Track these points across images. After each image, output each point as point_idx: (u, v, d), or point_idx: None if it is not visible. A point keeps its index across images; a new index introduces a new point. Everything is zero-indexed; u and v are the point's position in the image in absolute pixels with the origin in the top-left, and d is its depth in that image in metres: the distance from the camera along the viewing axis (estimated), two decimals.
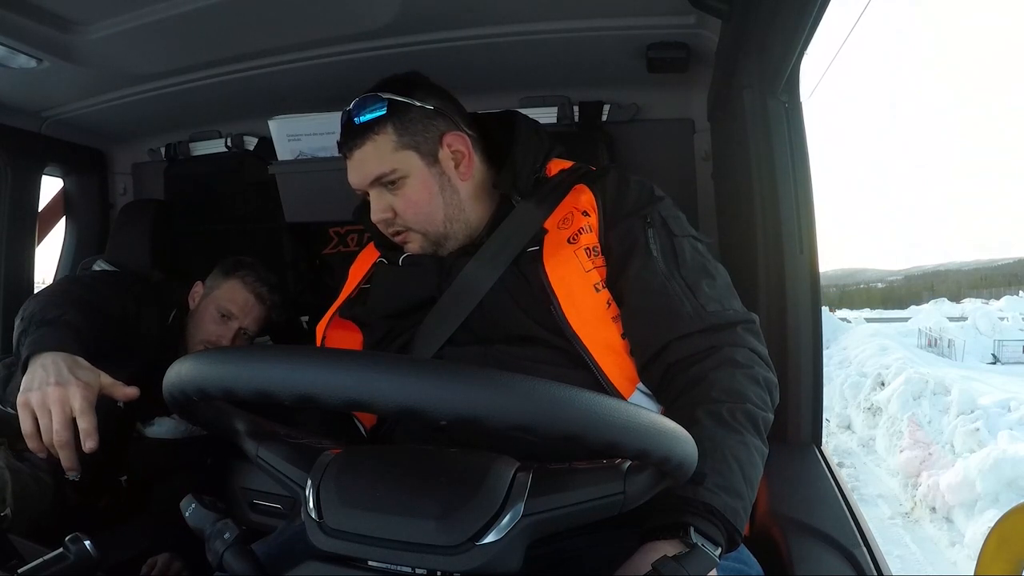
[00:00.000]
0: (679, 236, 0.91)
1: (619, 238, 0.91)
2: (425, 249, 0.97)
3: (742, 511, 0.69)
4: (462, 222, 0.97)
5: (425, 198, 0.94)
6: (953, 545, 5.48)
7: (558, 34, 1.27)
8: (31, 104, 1.60)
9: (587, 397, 0.47)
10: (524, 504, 0.53)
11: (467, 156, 0.97)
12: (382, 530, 0.52)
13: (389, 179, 0.93)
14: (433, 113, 0.94)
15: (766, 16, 0.94)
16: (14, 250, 1.72)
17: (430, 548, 0.51)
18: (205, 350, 0.52)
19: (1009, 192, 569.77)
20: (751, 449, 0.74)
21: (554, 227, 0.92)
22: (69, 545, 0.66)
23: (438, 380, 0.45)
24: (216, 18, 1.20)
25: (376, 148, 0.92)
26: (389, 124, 0.92)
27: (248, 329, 1.42)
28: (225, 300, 1.40)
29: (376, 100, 0.92)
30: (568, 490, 0.55)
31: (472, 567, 0.51)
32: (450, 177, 0.96)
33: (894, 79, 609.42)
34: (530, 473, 0.56)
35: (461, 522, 0.52)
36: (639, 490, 0.55)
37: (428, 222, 0.95)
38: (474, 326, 0.91)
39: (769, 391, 0.81)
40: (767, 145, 1.11)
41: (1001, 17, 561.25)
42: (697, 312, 0.84)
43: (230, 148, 1.76)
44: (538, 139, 1.01)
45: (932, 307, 26.44)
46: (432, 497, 0.53)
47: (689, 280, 0.86)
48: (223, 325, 1.39)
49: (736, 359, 0.80)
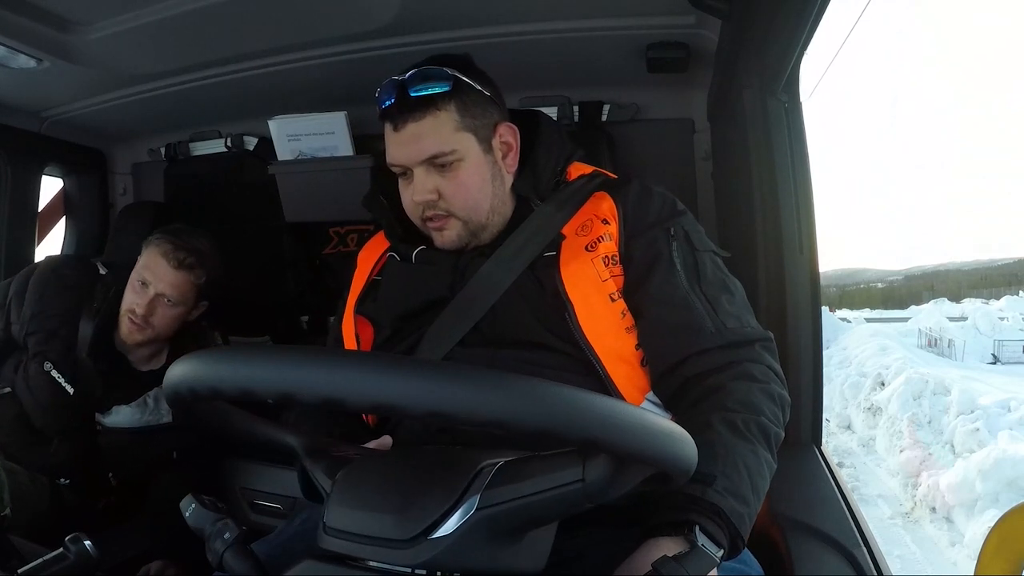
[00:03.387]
0: (701, 251, 0.89)
1: (641, 249, 0.89)
2: (461, 239, 0.93)
3: (747, 518, 0.69)
4: (501, 215, 0.94)
5: (477, 184, 0.91)
6: (953, 545, 5.48)
7: (558, 34, 1.27)
8: (31, 104, 1.61)
9: (565, 392, 0.46)
10: (480, 496, 0.52)
11: (514, 149, 0.95)
12: (355, 525, 0.53)
13: (445, 160, 0.88)
14: (489, 99, 0.92)
15: (766, 16, 0.94)
16: (14, 250, 1.72)
17: (385, 541, 0.52)
18: (197, 351, 0.52)
19: (1009, 192, 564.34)
20: (761, 461, 0.74)
21: (572, 233, 0.90)
22: (69, 545, 0.67)
23: (403, 375, 0.45)
24: (216, 18, 1.20)
25: (437, 125, 0.87)
26: (453, 102, 0.87)
27: (167, 295, 1.37)
28: (142, 268, 1.38)
29: (441, 74, 0.86)
30: (524, 479, 0.53)
31: (420, 560, 0.51)
32: (500, 167, 0.94)
33: (894, 79, 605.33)
34: (495, 466, 0.55)
35: (415, 516, 0.52)
36: (601, 477, 0.51)
37: (474, 210, 0.91)
38: (484, 329, 0.89)
39: (782, 408, 0.81)
40: (767, 145, 1.11)
41: (1001, 17, 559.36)
42: (718, 328, 0.83)
43: (230, 148, 1.76)
44: (560, 142, 0.99)
45: (932, 307, 26.45)
46: (398, 492, 0.54)
47: (709, 295, 0.86)
48: (141, 293, 1.37)
49: (753, 374, 0.80)
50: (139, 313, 1.36)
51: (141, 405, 1.41)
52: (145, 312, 1.36)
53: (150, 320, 1.37)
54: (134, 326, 1.37)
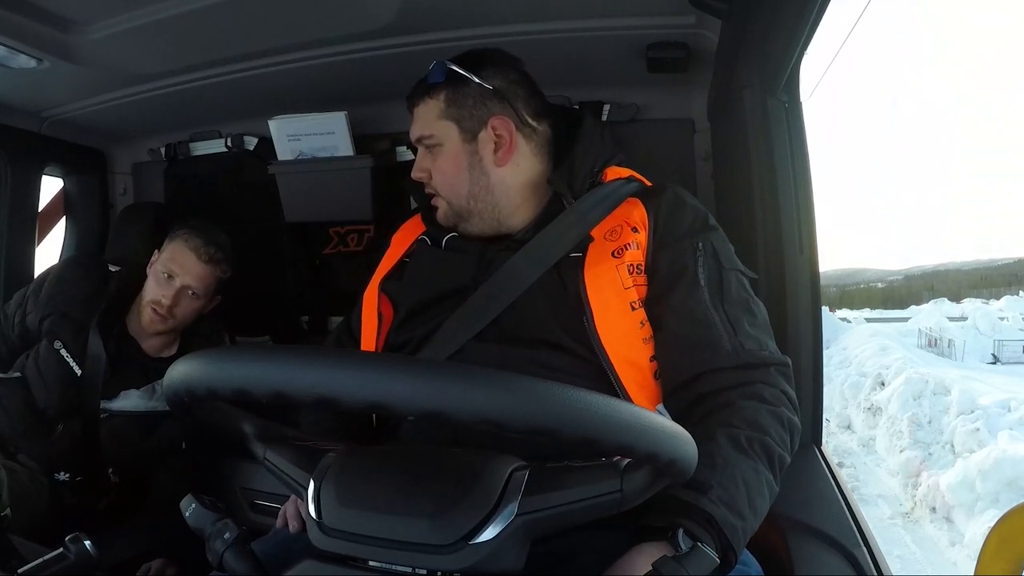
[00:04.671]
0: (728, 269, 0.89)
1: (668, 261, 0.89)
2: (448, 217, 0.98)
3: (741, 532, 0.68)
4: (488, 204, 0.96)
5: (451, 170, 0.96)
6: (953, 545, 5.48)
7: (558, 34, 1.27)
8: (31, 104, 1.60)
9: (562, 391, 0.46)
10: (519, 503, 0.53)
11: (509, 142, 0.95)
12: (378, 529, 0.52)
13: (428, 143, 0.97)
14: (491, 93, 0.95)
15: (766, 16, 0.94)
16: (14, 250, 1.72)
17: (423, 547, 0.51)
18: (195, 352, 0.52)
19: (1009, 192, 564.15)
20: (761, 479, 0.73)
21: (600, 237, 0.90)
22: (69, 545, 0.67)
23: (404, 375, 0.45)
24: (216, 18, 1.20)
25: (425, 110, 0.96)
26: (443, 92, 0.95)
27: (192, 287, 1.43)
28: (167, 260, 1.43)
29: (442, 67, 0.95)
30: (564, 488, 0.54)
31: (464, 566, 0.51)
32: (483, 158, 0.95)
33: (894, 79, 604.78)
34: (527, 472, 0.56)
35: (454, 521, 0.52)
36: (637, 488, 0.54)
37: (452, 193, 0.96)
38: (502, 324, 0.89)
39: (791, 433, 0.80)
40: (767, 145, 1.11)
41: (1001, 17, 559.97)
42: (735, 349, 0.83)
43: (230, 148, 1.76)
44: (601, 142, 0.99)
45: (932, 307, 26.44)
46: (427, 496, 0.53)
47: (731, 315, 0.85)
48: (167, 285, 1.42)
49: (764, 395, 0.80)
50: (165, 304, 1.41)
51: (149, 391, 1.45)
52: (171, 303, 1.41)
53: (174, 311, 1.42)
54: (158, 316, 1.42)
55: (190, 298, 1.44)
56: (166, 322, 1.43)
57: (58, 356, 1.38)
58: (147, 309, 1.42)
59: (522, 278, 0.89)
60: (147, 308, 1.42)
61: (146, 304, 1.43)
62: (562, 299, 0.87)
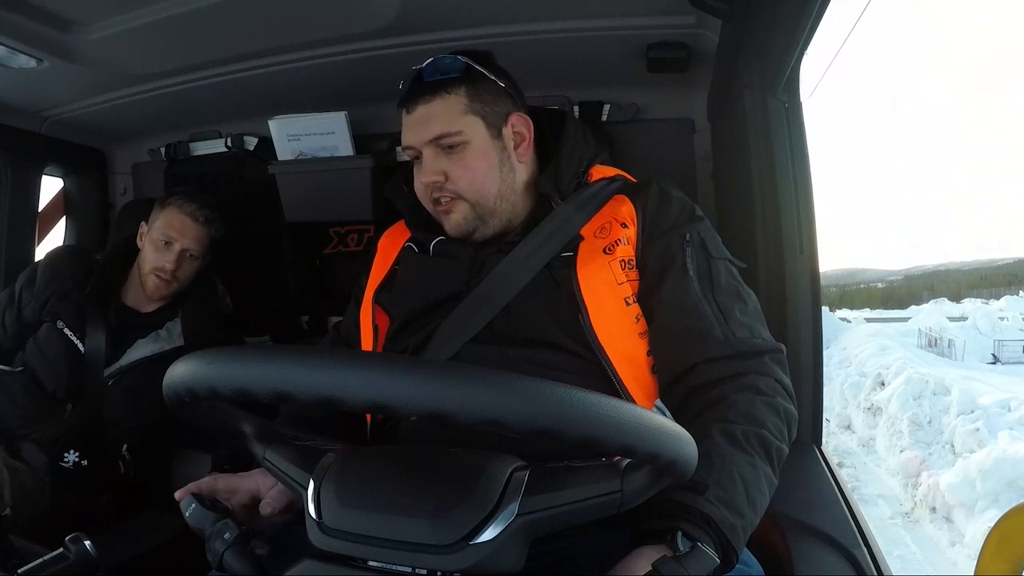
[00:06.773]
0: (716, 258, 0.89)
1: (656, 254, 0.89)
2: (468, 222, 0.93)
3: (741, 530, 0.68)
4: (510, 204, 0.95)
5: (483, 168, 0.92)
6: (953, 545, 5.48)
7: (558, 34, 1.27)
8: (31, 104, 1.61)
9: (561, 390, 0.46)
10: (519, 503, 0.53)
11: (527, 140, 0.96)
12: (377, 529, 0.52)
13: (451, 141, 0.91)
14: (504, 90, 0.94)
15: (766, 16, 0.94)
16: (14, 250, 1.73)
17: (424, 547, 0.51)
18: (194, 352, 0.52)
19: (1009, 192, 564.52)
20: (759, 474, 0.73)
21: (591, 235, 0.90)
22: (69, 545, 0.66)
23: (407, 376, 0.45)
24: (216, 18, 1.20)
25: (446, 106, 0.90)
26: (463, 87, 0.91)
27: (190, 250, 1.50)
28: (164, 228, 1.48)
29: (454, 61, 0.91)
30: (564, 488, 0.54)
31: (465, 566, 0.51)
32: (510, 154, 0.94)
33: (894, 79, 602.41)
34: (527, 472, 0.56)
35: (455, 521, 0.52)
36: (637, 488, 0.54)
37: (480, 193, 0.92)
38: (497, 326, 0.89)
39: (788, 423, 0.79)
40: (767, 145, 1.11)
41: (1001, 17, 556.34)
42: (727, 337, 0.83)
43: (230, 148, 1.76)
44: (584, 143, 0.99)
45: (932, 307, 26.46)
46: (427, 496, 0.53)
47: (722, 304, 0.85)
48: (167, 251, 1.48)
49: (759, 386, 0.79)
50: (169, 269, 1.48)
51: (153, 336, 1.49)
52: (174, 267, 1.48)
53: (177, 275, 1.49)
54: (162, 282, 1.48)
55: (190, 260, 1.51)
56: (170, 286, 1.49)
57: (61, 334, 1.43)
58: (151, 277, 1.48)
59: (514, 280, 0.89)
60: (151, 276, 1.48)
61: (149, 272, 1.48)
62: (557, 299, 0.87)
